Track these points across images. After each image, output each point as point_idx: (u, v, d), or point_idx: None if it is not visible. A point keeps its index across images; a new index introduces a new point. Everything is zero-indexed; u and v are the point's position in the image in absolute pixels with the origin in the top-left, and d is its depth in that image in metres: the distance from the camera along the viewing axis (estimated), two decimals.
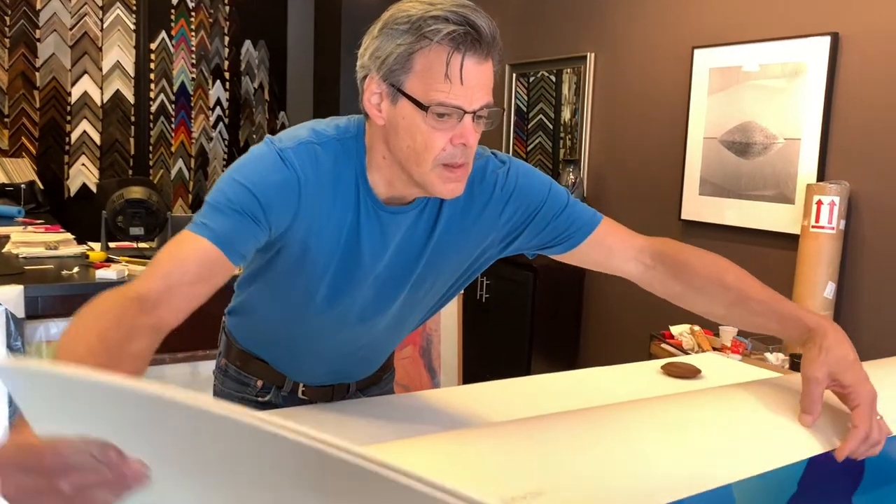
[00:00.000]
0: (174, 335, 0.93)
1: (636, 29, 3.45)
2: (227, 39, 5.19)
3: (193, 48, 5.04)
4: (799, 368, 0.97)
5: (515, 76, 4.19)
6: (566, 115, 3.90)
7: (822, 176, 2.67)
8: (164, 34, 4.93)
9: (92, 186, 4.74)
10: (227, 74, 5.21)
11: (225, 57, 5.19)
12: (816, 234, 2.53)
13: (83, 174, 4.77)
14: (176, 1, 4.94)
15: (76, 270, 2.48)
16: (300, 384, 1.31)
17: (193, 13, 5.01)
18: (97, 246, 2.85)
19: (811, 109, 2.69)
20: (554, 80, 3.96)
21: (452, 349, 3.47)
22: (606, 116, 3.66)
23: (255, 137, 5.32)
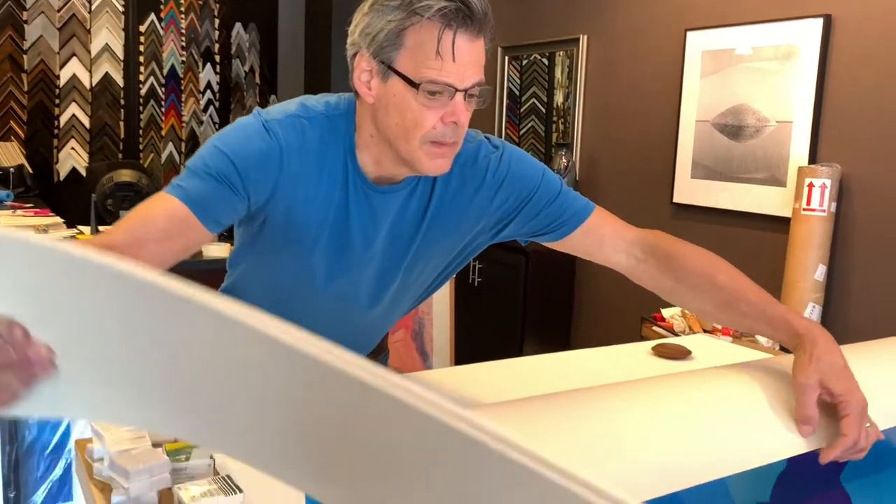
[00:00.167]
0: None
1: (629, 11, 3.43)
2: (217, 22, 5.13)
3: (183, 31, 4.99)
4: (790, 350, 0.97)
5: (508, 59, 4.16)
6: (559, 98, 3.88)
7: (813, 159, 2.67)
8: (153, 16, 4.87)
9: (81, 170, 4.70)
10: (217, 57, 5.16)
11: (215, 40, 5.14)
12: (807, 216, 2.53)
13: (72, 158, 4.73)
14: None
15: None
16: None
17: None
18: (87, 230, 2.83)
19: (803, 92, 2.68)
20: (547, 63, 3.94)
21: (444, 333, 3.47)
22: (599, 100, 3.65)
23: None
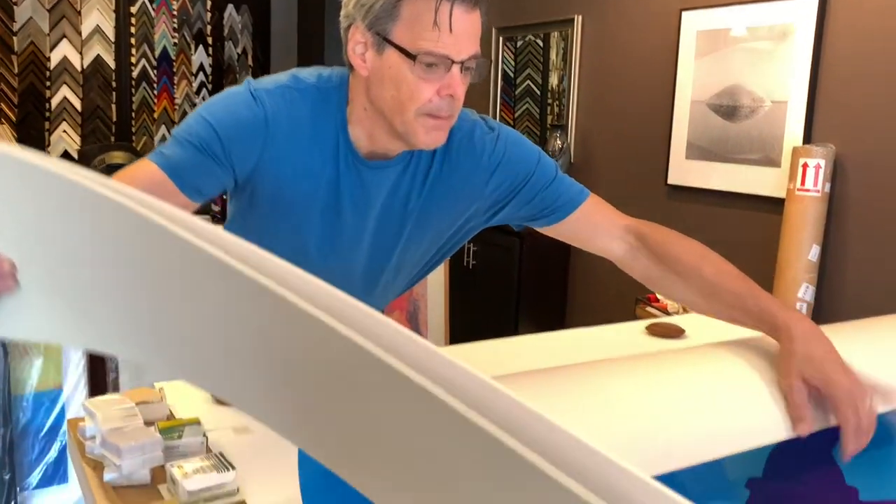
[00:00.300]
0: None
1: None
2: (209, 3, 5.08)
3: (175, 12, 4.95)
4: None
5: (503, 40, 4.14)
6: (553, 80, 3.86)
7: (808, 139, 2.66)
8: None
9: (73, 153, 4.67)
10: (209, 39, 5.12)
11: (207, 21, 5.10)
12: (802, 196, 2.53)
13: (64, 141, 4.70)
14: None
15: None
16: None
17: None
18: None
19: (798, 72, 2.68)
20: (541, 44, 3.92)
21: (439, 315, 3.47)
22: (594, 81, 3.63)
23: None
